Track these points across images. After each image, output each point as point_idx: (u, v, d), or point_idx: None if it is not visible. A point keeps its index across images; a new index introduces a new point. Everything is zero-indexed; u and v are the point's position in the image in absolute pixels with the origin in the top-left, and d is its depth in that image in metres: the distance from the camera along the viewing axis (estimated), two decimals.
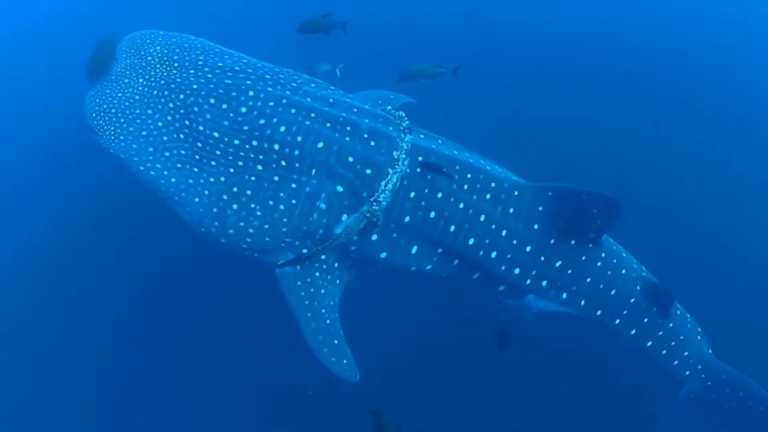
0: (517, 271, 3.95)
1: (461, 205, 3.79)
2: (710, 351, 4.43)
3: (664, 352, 4.30)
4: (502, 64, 7.21)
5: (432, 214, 3.77)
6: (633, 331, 4.24)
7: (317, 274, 3.86)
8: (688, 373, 4.36)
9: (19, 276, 5.55)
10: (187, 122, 3.66)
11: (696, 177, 6.37)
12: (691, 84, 7.25)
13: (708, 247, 5.79)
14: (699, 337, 4.43)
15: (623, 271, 4.14)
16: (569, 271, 4.01)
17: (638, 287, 4.17)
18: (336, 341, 3.76)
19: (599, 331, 4.28)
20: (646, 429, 4.40)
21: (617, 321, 4.20)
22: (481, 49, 7.27)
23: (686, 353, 4.33)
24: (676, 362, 4.34)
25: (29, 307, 5.33)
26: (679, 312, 4.35)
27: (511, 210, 3.87)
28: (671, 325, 4.26)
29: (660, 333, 4.26)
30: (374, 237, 3.81)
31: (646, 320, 4.21)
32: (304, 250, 3.79)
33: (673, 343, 4.29)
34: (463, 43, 7.34)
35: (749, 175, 6.46)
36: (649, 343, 4.28)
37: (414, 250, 3.89)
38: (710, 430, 4.32)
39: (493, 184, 3.87)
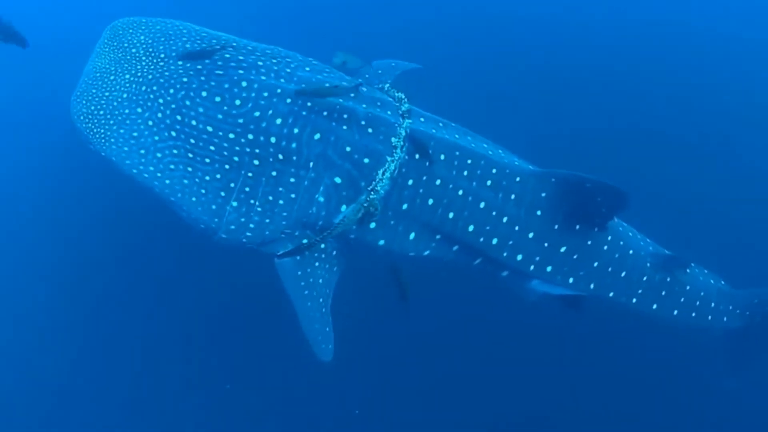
0: (519, 257, 3.90)
1: (460, 192, 3.73)
2: (723, 283, 4.46)
3: (693, 314, 4.29)
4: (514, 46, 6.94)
5: (430, 201, 3.72)
6: (654, 306, 4.18)
7: (316, 264, 3.83)
8: (725, 319, 4.40)
9: (20, 277, 5.47)
10: (179, 117, 3.53)
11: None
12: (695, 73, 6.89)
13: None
14: (712, 281, 4.42)
15: (631, 251, 4.07)
16: (575, 257, 3.94)
17: (648, 264, 4.11)
18: (327, 329, 3.78)
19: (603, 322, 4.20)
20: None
21: (634, 300, 4.14)
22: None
23: (713, 304, 4.33)
24: (709, 317, 4.34)
25: (29, 308, 5.28)
26: (688, 269, 4.29)
27: (513, 196, 3.80)
28: (688, 287, 4.23)
29: (682, 299, 4.23)
30: (372, 225, 3.76)
31: (664, 293, 4.16)
32: (304, 240, 3.77)
33: (698, 303, 4.28)
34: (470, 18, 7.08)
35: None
36: (676, 312, 4.24)
37: (412, 236, 3.85)
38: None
39: (494, 170, 3.79)
